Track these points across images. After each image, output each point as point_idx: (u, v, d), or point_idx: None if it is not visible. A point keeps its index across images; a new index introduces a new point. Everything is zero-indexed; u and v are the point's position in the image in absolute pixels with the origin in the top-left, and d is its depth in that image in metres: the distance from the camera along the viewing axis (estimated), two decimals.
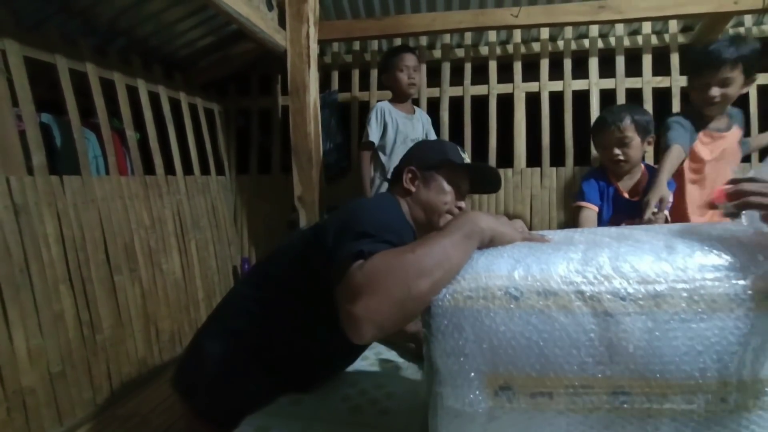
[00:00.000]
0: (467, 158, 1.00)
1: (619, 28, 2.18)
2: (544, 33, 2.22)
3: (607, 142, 1.39)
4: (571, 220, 1.77)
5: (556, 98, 2.24)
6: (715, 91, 1.34)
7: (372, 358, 0.93)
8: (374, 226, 0.66)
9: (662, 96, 2.15)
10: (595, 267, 0.49)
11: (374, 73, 2.37)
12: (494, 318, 0.47)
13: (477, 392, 0.47)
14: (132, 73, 1.88)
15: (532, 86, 2.24)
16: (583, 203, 1.44)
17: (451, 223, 0.57)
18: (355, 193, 2.10)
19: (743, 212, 0.54)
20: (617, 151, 1.37)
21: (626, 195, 1.43)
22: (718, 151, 1.47)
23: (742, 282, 0.47)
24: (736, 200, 0.53)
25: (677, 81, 2.12)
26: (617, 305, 0.46)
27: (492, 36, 2.27)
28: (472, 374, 0.47)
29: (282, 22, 1.96)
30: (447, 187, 0.94)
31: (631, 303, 0.47)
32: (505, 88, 2.25)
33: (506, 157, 2.24)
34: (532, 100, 2.25)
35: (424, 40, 2.33)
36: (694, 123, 1.45)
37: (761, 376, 0.47)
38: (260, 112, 2.57)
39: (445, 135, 2.31)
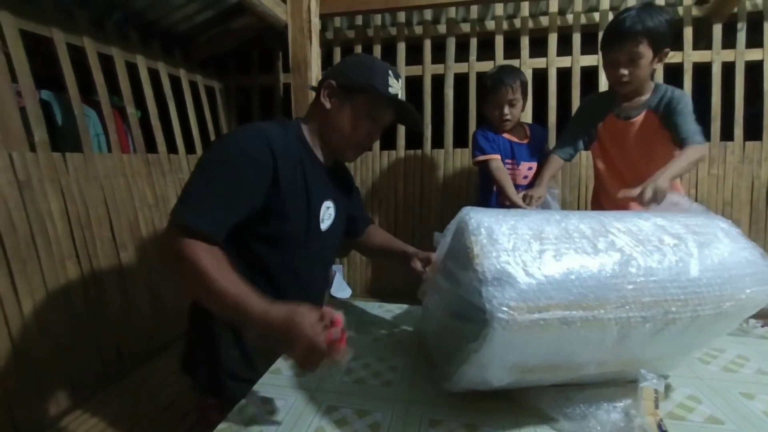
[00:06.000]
0: (399, 84, 0.87)
1: (631, 0, 2.11)
2: (553, 6, 2.15)
3: (499, 101, 1.48)
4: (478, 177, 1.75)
5: (564, 75, 2.18)
6: (623, 70, 1.19)
7: (375, 333, 0.94)
8: (214, 174, 0.71)
9: (674, 71, 2.10)
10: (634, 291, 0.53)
11: (377, 49, 2.32)
12: (542, 338, 0.52)
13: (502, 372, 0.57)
14: (130, 49, 1.85)
15: (540, 62, 2.19)
16: (486, 156, 1.51)
17: (272, 309, 0.58)
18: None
19: None
20: (507, 110, 1.49)
21: (516, 139, 1.58)
22: (623, 140, 1.34)
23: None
24: None
25: (690, 56, 2.06)
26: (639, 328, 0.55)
27: (499, 10, 2.20)
28: (505, 362, 0.55)
29: None
30: (363, 116, 0.84)
31: (650, 324, 0.54)
32: (512, 64, 2.20)
33: None
34: (539, 76, 2.20)
35: (428, 14, 2.27)
36: (608, 104, 1.36)
37: None
38: (261, 90, 2.54)
39: (449, 112, 2.27)
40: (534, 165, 1.61)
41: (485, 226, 0.55)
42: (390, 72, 0.85)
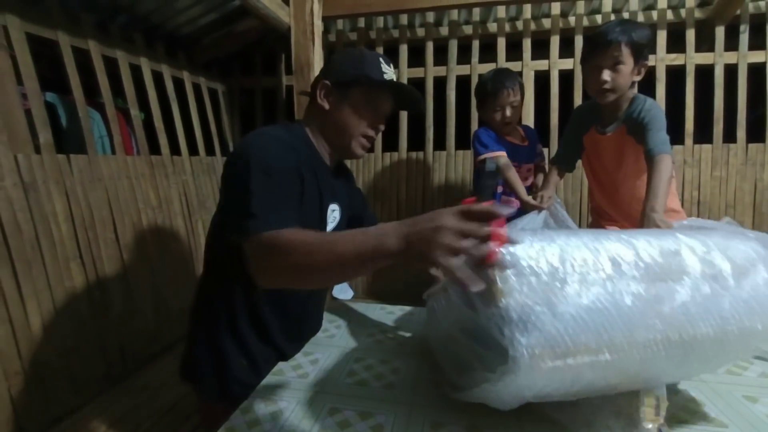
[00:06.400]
0: (393, 70, 0.87)
1: (634, 3, 2.11)
2: (555, 8, 2.15)
3: (501, 104, 1.51)
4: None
5: (566, 77, 2.19)
6: (606, 75, 1.20)
7: (377, 335, 0.94)
8: (263, 172, 0.69)
9: (676, 73, 2.09)
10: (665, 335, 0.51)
11: (379, 51, 2.32)
12: (564, 378, 0.49)
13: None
14: (134, 51, 1.86)
15: (542, 64, 2.19)
16: (493, 153, 1.52)
17: (389, 230, 0.51)
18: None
19: None
20: (509, 111, 1.51)
21: (517, 141, 1.61)
22: (600, 154, 1.38)
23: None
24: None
25: (692, 58, 2.06)
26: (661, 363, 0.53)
27: (501, 12, 2.21)
28: (521, 396, 0.53)
29: None
30: (362, 107, 0.84)
31: (674, 361, 0.52)
32: (514, 66, 2.20)
33: None
34: (541, 78, 2.20)
35: (431, 17, 2.27)
36: (592, 116, 1.38)
37: None
38: (264, 92, 2.55)
39: (452, 114, 2.28)
40: (532, 167, 1.65)
41: (510, 255, 0.50)
42: (381, 59, 0.85)
